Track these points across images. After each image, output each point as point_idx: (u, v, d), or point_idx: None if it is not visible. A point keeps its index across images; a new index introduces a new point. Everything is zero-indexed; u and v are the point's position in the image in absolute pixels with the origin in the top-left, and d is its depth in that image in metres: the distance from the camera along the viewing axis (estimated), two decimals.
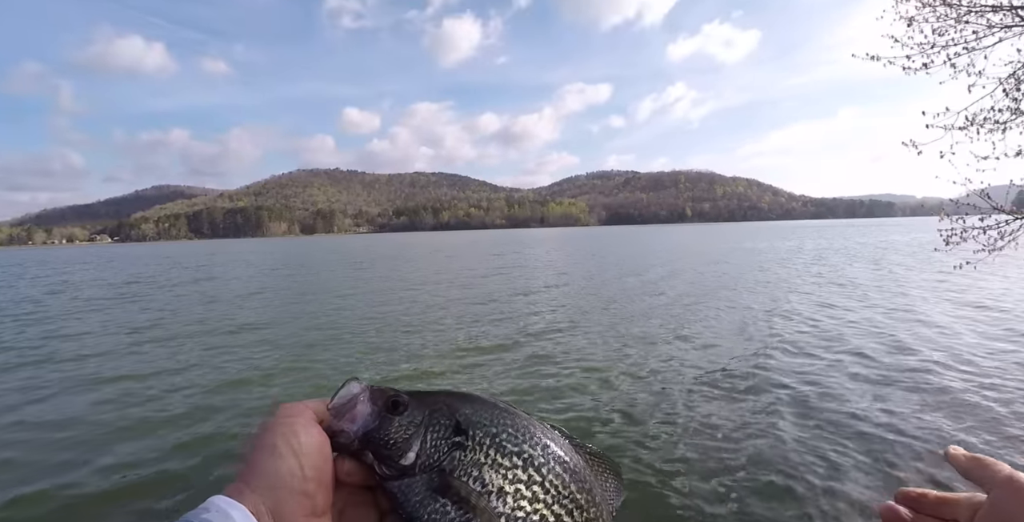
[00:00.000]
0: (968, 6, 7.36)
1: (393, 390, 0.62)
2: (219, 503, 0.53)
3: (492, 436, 0.58)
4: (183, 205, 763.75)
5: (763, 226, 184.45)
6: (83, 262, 54.46)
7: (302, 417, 0.59)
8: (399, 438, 0.59)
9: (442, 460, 0.58)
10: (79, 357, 10.17)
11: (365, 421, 0.59)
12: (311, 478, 0.56)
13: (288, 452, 0.56)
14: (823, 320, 11.08)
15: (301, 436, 0.57)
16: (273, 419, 0.60)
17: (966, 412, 5.76)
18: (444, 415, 0.60)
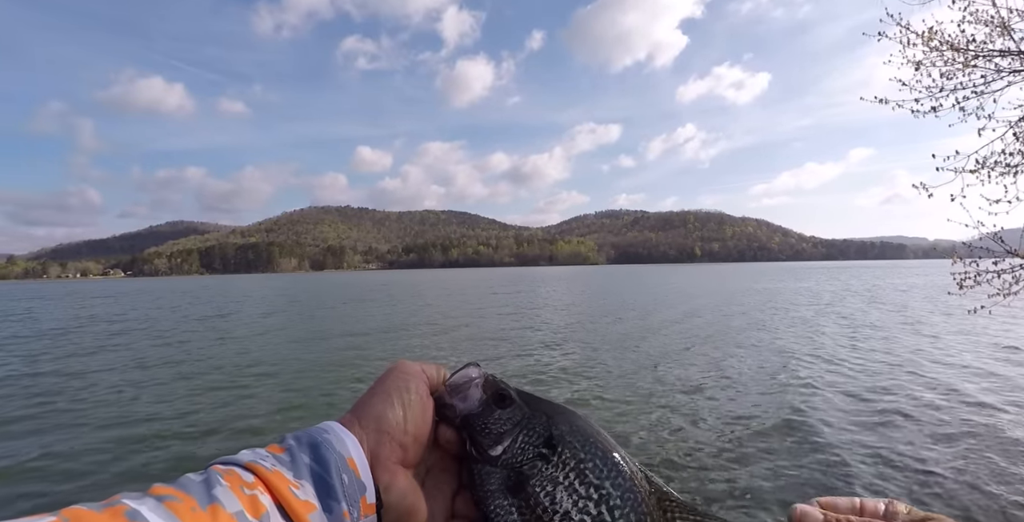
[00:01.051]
0: (976, 51, 7.40)
1: (504, 384, 0.65)
2: (336, 428, 0.57)
3: (578, 460, 0.59)
4: (196, 240, 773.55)
5: (774, 267, 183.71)
6: (95, 297, 54.68)
7: (416, 377, 0.64)
8: (494, 430, 0.62)
9: (523, 464, 0.60)
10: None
11: (471, 404, 0.63)
12: (410, 432, 0.60)
13: (398, 403, 0.60)
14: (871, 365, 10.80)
15: (412, 394, 0.62)
16: (392, 372, 0.64)
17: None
18: (540, 423, 0.62)
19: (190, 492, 0.44)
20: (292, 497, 0.48)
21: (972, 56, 7.40)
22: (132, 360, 13.31)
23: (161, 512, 0.40)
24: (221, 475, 0.48)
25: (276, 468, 0.51)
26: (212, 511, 0.43)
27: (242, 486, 0.47)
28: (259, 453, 0.53)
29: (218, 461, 0.52)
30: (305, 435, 0.56)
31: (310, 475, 0.52)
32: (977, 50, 7.37)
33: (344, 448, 0.55)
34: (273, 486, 0.48)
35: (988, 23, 7.21)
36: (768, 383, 9.35)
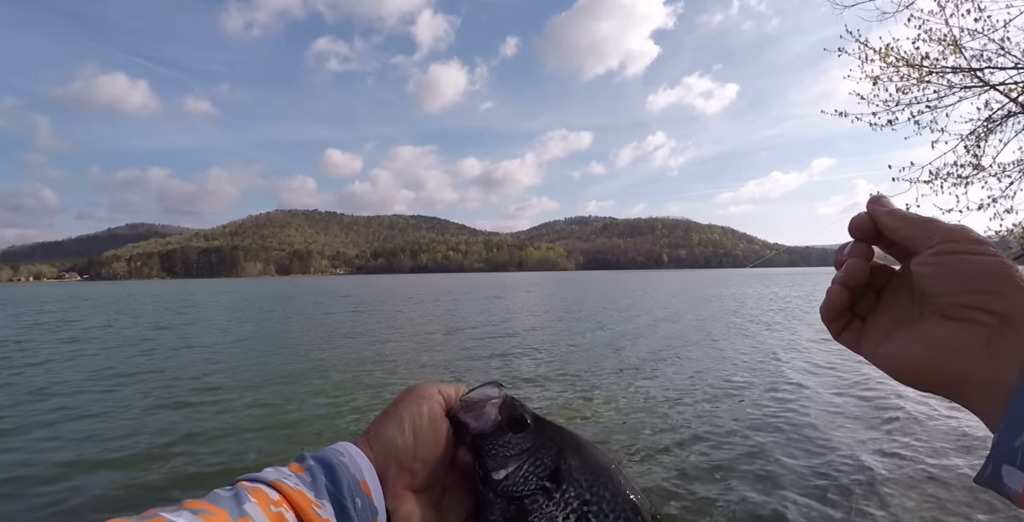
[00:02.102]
0: (929, 67, 7.72)
1: (522, 408, 0.64)
2: (351, 451, 0.58)
3: (583, 502, 0.56)
4: (157, 244, 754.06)
5: (739, 273, 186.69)
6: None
7: (430, 399, 0.64)
8: (501, 453, 0.60)
9: (524, 495, 0.58)
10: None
11: (484, 424, 0.62)
12: (419, 458, 0.60)
13: (408, 428, 0.60)
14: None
15: (424, 418, 0.62)
16: (407, 395, 0.64)
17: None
18: (549, 454, 0.60)
19: (222, 506, 0.45)
20: (315, 516, 0.50)
21: (926, 72, 7.74)
22: (89, 371, 12.85)
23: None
24: (249, 492, 0.48)
25: (299, 488, 0.52)
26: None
27: (269, 504, 0.48)
28: (283, 472, 0.54)
29: (244, 478, 0.52)
30: (322, 456, 0.57)
31: (328, 496, 0.53)
32: (931, 66, 7.70)
33: (359, 471, 0.56)
34: (297, 505, 0.50)
35: (941, 41, 7.55)
36: (748, 386, 9.54)
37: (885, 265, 0.56)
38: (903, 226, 0.51)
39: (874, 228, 0.53)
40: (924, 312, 0.51)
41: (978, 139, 7.96)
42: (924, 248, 0.49)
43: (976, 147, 7.99)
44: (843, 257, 0.55)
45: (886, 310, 0.55)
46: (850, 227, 0.55)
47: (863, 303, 0.56)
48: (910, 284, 0.53)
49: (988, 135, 7.91)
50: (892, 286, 0.56)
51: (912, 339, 0.50)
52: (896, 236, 0.52)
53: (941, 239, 0.48)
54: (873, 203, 0.54)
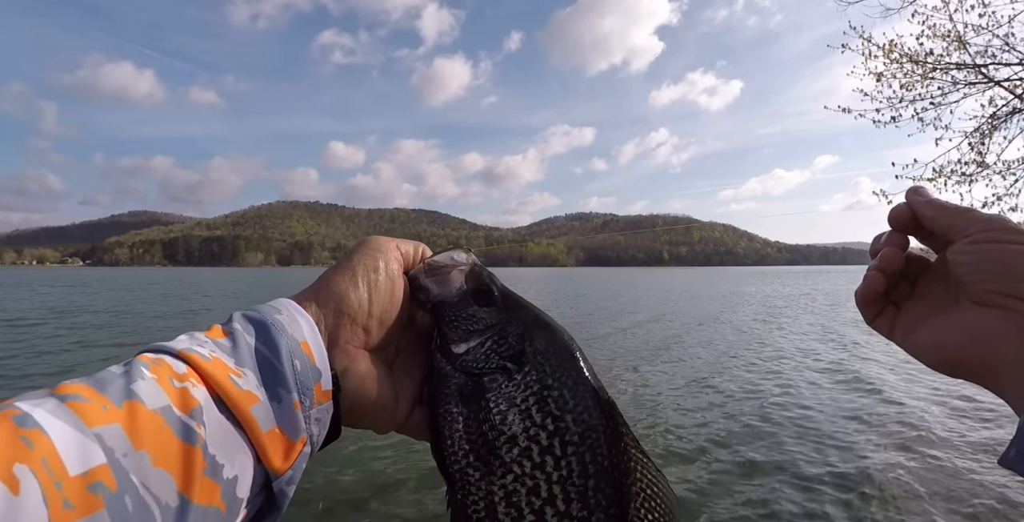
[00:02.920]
0: (933, 64, 7.66)
1: (490, 278, 0.60)
2: (289, 307, 0.52)
3: (543, 386, 0.54)
4: (159, 231, 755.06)
5: (742, 271, 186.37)
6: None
7: (388, 255, 0.58)
8: (464, 326, 0.57)
9: (483, 373, 0.55)
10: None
11: (447, 290, 0.58)
12: (375, 315, 0.55)
13: (363, 283, 0.55)
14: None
15: (380, 273, 0.57)
16: (360, 247, 0.59)
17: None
18: (514, 334, 0.57)
19: (104, 389, 0.38)
20: (232, 387, 0.43)
21: (930, 69, 7.69)
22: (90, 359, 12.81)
23: (62, 413, 0.35)
24: (147, 366, 0.41)
25: (215, 355, 0.45)
26: (129, 408, 0.37)
27: (171, 378, 0.41)
28: (197, 338, 0.47)
29: (148, 348, 0.46)
30: (254, 314, 0.51)
31: (255, 361, 0.47)
32: (935, 63, 7.65)
33: (298, 330, 0.50)
34: (209, 376, 0.43)
35: (945, 37, 7.51)
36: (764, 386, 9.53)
37: (921, 256, 0.57)
38: (941, 215, 0.52)
39: (912, 218, 0.54)
40: (959, 301, 0.51)
41: (982, 136, 7.91)
42: (961, 237, 0.50)
43: (980, 144, 7.95)
44: (879, 246, 0.56)
45: (920, 299, 0.55)
46: (889, 217, 0.55)
47: (898, 291, 0.57)
48: (945, 275, 0.53)
49: (993, 132, 7.87)
50: (927, 276, 0.56)
51: (945, 325, 0.51)
52: (934, 225, 0.52)
53: (978, 228, 0.49)
54: (912, 193, 0.54)
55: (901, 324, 0.55)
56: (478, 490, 0.53)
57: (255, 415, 0.44)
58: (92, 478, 0.33)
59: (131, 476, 0.35)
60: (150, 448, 0.37)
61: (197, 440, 0.40)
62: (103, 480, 0.34)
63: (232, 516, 0.43)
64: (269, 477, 0.46)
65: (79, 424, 0.35)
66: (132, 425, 0.37)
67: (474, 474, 0.53)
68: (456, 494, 0.54)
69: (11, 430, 0.32)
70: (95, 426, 0.35)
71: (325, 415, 0.50)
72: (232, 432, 0.43)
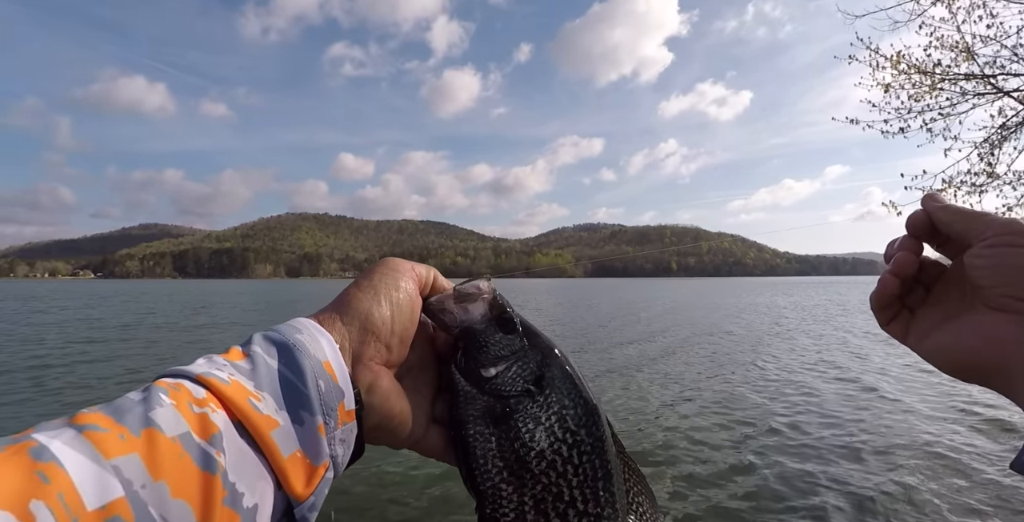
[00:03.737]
0: (941, 74, 7.68)
1: (511, 308, 0.64)
2: (309, 327, 0.52)
3: (562, 406, 0.59)
4: (169, 244, 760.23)
5: (751, 282, 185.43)
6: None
7: (406, 276, 0.60)
8: (492, 351, 0.61)
9: (510, 396, 0.59)
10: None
11: (472, 317, 0.62)
12: (396, 333, 0.57)
13: (385, 301, 0.57)
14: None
15: (401, 292, 0.58)
16: (379, 268, 0.60)
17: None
18: (535, 360, 0.61)
19: (121, 418, 0.38)
20: (252, 411, 0.43)
21: (938, 79, 7.69)
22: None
23: (79, 445, 0.34)
24: (166, 392, 0.41)
25: (235, 378, 0.45)
26: (148, 437, 0.37)
27: (191, 403, 0.41)
28: (215, 361, 0.47)
29: (166, 373, 0.45)
30: (275, 334, 0.50)
31: (278, 383, 0.47)
32: (943, 73, 7.66)
33: (319, 350, 0.50)
34: (229, 400, 0.42)
35: (953, 48, 7.52)
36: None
37: (936, 261, 0.57)
38: (957, 220, 0.52)
39: (929, 224, 0.54)
40: (974, 306, 0.51)
41: (992, 147, 7.89)
42: (977, 241, 0.50)
43: (990, 155, 7.93)
44: (893, 251, 0.56)
45: (935, 304, 0.56)
46: (907, 223, 0.55)
47: (913, 296, 0.57)
48: (960, 280, 0.53)
49: (1002, 143, 7.85)
50: (943, 282, 0.56)
51: (960, 330, 0.51)
52: (951, 230, 0.53)
53: (995, 232, 0.49)
54: (928, 199, 0.55)
55: (915, 328, 0.56)
56: (509, 503, 0.57)
57: (276, 440, 0.44)
58: (110, 513, 0.33)
59: (149, 509, 0.35)
60: (169, 478, 0.36)
61: (217, 468, 0.39)
62: (121, 514, 0.33)
63: None
64: (291, 503, 0.45)
65: (96, 456, 0.34)
66: (151, 455, 0.36)
67: (507, 488, 0.57)
68: (486, 509, 0.58)
69: (28, 465, 0.32)
70: (113, 457, 0.35)
71: (350, 435, 0.51)
72: (253, 458, 0.42)
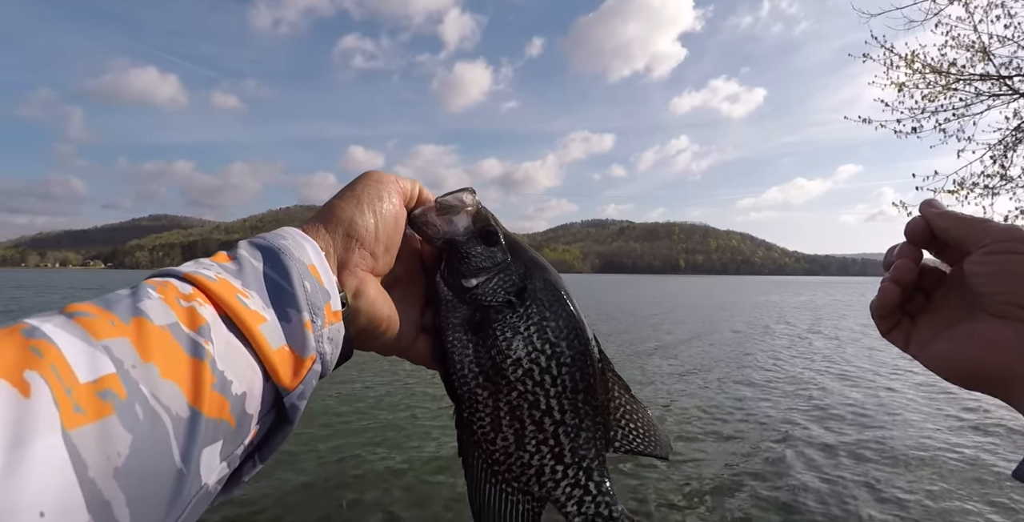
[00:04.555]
0: (956, 74, 7.58)
1: (495, 221, 0.65)
2: (293, 234, 0.53)
3: (543, 318, 0.61)
4: (179, 235, 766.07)
5: (761, 280, 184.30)
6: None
7: (390, 187, 0.61)
8: (474, 263, 0.62)
9: (490, 306, 0.61)
10: None
11: (455, 229, 0.62)
12: (381, 241, 0.58)
13: (369, 211, 0.57)
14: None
15: (385, 202, 0.59)
16: (363, 179, 0.60)
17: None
18: (517, 272, 0.63)
19: (111, 307, 0.38)
20: (240, 307, 0.44)
21: (953, 79, 7.60)
22: None
23: (69, 327, 0.35)
24: (154, 288, 0.42)
25: (222, 276, 0.45)
26: (137, 324, 0.38)
27: (178, 297, 0.42)
28: (202, 263, 0.47)
29: (153, 274, 0.46)
30: (260, 240, 0.52)
31: (264, 283, 0.47)
32: (958, 74, 7.57)
33: (304, 254, 0.51)
34: (216, 296, 0.43)
35: (969, 48, 7.42)
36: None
37: (936, 267, 0.57)
38: (956, 226, 0.52)
39: (928, 231, 0.54)
40: (974, 312, 0.51)
41: (1006, 149, 7.79)
42: (977, 248, 0.50)
43: (1004, 157, 7.83)
44: (892, 258, 0.56)
45: (936, 311, 0.55)
46: (905, 231, 0.55)
47: (913, 303, 0.57)
48: (961, 287, 0.53)
49: (1017, 145, 7.75)
50: (943, 288, 0.56)
51: (961, 338, 0.51)
52: (949, 236, 0.52)
53: (994, 239, 0.49)
54: (926, 206, 0.54)
55: (917, 336, 0.56)
56: (485, 407, 0.59)
57: (264, 333, 0.44)
58: (102, 386, 0.33)
59: (140, 386, 0.35)
60: (159, 361, 0.37)
61: (205, 355, 0.40)
62: (113, 388, 0.34)
63: (243, 432, 0.43)
64: (280, 394, 0.46)
65: (87, 337, 0.35)
66: (140, 339, 0.37)
67: (482, 393, 0.59)
68: (463, 413, 0.60)
69: (21, 341, 0.32)
70: (103, 339, 0.35)
71: (337, 335, 0.52)
72: (241, 350, 0.43)
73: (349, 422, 7.06)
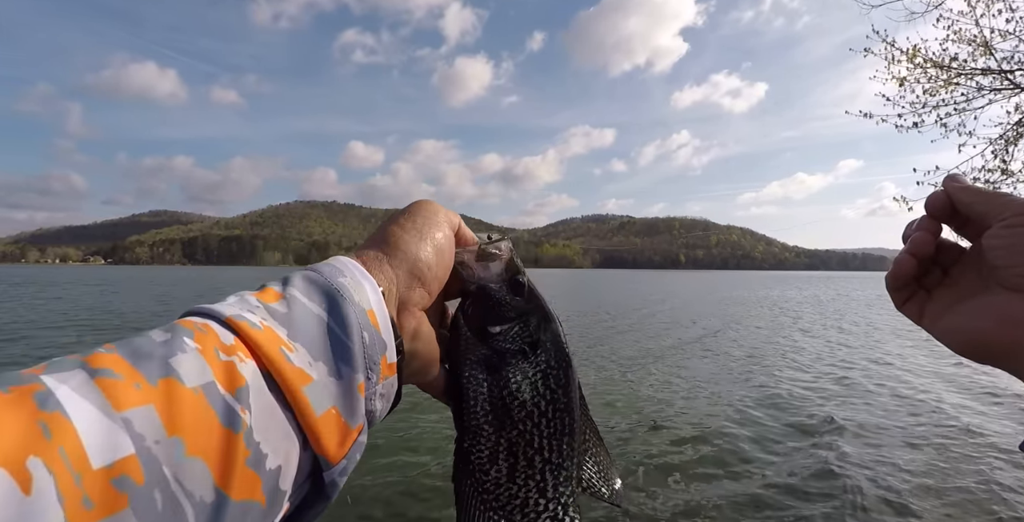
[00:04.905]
0: (958, 69, 7.56)
1: (523, 272, 0.67)
2: (352, 269, 0.48)
3: (548, 366, 0.65)
4: (179, 231, 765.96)
5: (762, 275, 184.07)
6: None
7: (447, 222, 0.59)
8: (500, 311, 0.65)
9: (507, 352, 0.64)
10: None
11: (491, 277, 0.65)
12: (438, 278, 0.56)
13: (431, 246, 0.55)
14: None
15: (444, 238, 0.57)
16: (421, 210, 0.58)
17: None
18: (533, 325, 0.66)
19: (139, 363, 0.34)
20: (284, 363, 0.39)
21: (954, 74, 7.58)
22: None
23: (89, 393, 0.30)
24: (191, 335, 0.37)
25: (267, 324, 0.40)
26: (166, 388, 0.33)
27: (217, 349, 0.37)
28: (247, 302, 0.42)
29: (193, 311, 0.41)
30: (316, 276, 0.46)
31: (317, 333, 0.42)
32: (959, 68, 7.54)
33: (363, 296, 0.46)
34: (259, 349, 0.38)
35: (971, 42, 7.39)
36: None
37: (954, 243, 0.57)
38: (978, 200, 0.52)
39: (949, 205, 0.54)
40: (989, 286, 0.51)
41: (1007, 143, 7.77)
42: (996, 221, 0.50)
43: (1005, 152, 7.81)
44: (910, 231, 0.56)
45: (952, 286, 0.55)
46: (926, 203, 0.55)
47: (930, 277, 0.57)
48: (978, 263, 0.53)
49: (1018, 139, 7.72)
50: (960, 264, 0.56)
51: (975, 311, 0.51)
52: (971, 210, 0.52)
53: (1014, 212, 0.48)
54: (949, 180, 0.55)
55: (931, 309, 0.56)
56: (487, 441, 0.63)
57: (308, 396, 0.39)
58: (117, 471, 0.29)
59: (162, 468, 0.31)
60: (187, 434, 0.33)
61: (241, 426, 0.35)
62: (130, 473, 0.30)
63: (274, 511, 0.38)
64: (319, 464, 0.42)
65: (107, 407, 0.30)
66: (168, 407, 0.32)
67: (488, 428, 0.63)
68: (464, 442, 0.64)
69: (31, 411, 0.28)
70: (125, 409, 0.31)
71: (390, 390, 0.49)
72: (280, 416, 0.38)
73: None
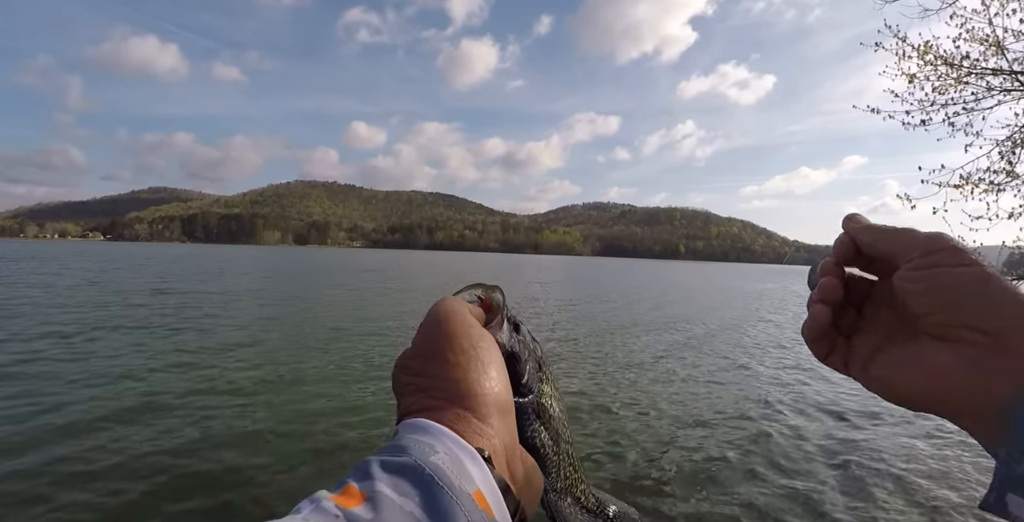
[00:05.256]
0: (969, 68, 7.49)
1: (510, 311, 0.64)
2: (445, 438, 0.40)
3: (552, 379, 0.65)
4: (179, 208, 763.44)
5: (761, 269, 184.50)
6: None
7: (479, 325, 0.53)
8: (522, 363, 0.61)
9: (533, 386, 0.62)
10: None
11: (509, 337, 0.60)
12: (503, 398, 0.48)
13: (498, 370, 0.48)
14: None
15: (494, 350, 0.50)
16: (461, 331, 0.49)
17: None
18: (528, 348, 0.63)
19: None
20: None
21: (965, 73, 7.50)
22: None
23: None
24: None
25: None
26: None
27: None
28: (324, 508, 0.32)
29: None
30: (405, 460, 0.37)
31: None
32: (970, 67, 7.47)
33: (465, 476, 0.37)
34: None
35: (983, 41, 7.31)
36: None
37: (862, 277, 0.55)
38: (879, 239, 0.50)
39: (854, 248, 0.53)
40: (911, 328, 0.49)
41: (1014, 145, 7.71)
42: (903, 261, 0.48)
43: (1011, 153, 7.75)
44: (816, 277, 0.54)
45: (870, 330, 0.54)
46: (833, 249, 0.54)
47: (845, 320, 0.55)
48: (891, 300, 0.51)
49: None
50: (873, 301, 0.55)
51: (901, 361, 0.49)
52: (875, 251, 0.51)
53: (920, 252, 0.47)
54: (848, 221, 0.54)
55: (855, 359, 0.53)
56: (554, 465, 0.62)
57: None
58: None
59: None
60: None
61: None
62: None
63: None
64: None
65: None
66: None
67: (554, 458, 0.62)
68: (549, 475, 0.62)
69: None
70: None
71: None
72: None
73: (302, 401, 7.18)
